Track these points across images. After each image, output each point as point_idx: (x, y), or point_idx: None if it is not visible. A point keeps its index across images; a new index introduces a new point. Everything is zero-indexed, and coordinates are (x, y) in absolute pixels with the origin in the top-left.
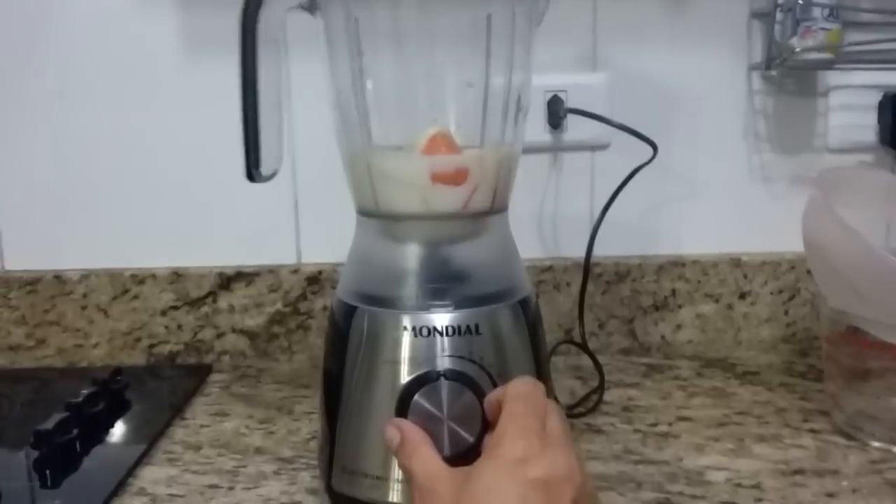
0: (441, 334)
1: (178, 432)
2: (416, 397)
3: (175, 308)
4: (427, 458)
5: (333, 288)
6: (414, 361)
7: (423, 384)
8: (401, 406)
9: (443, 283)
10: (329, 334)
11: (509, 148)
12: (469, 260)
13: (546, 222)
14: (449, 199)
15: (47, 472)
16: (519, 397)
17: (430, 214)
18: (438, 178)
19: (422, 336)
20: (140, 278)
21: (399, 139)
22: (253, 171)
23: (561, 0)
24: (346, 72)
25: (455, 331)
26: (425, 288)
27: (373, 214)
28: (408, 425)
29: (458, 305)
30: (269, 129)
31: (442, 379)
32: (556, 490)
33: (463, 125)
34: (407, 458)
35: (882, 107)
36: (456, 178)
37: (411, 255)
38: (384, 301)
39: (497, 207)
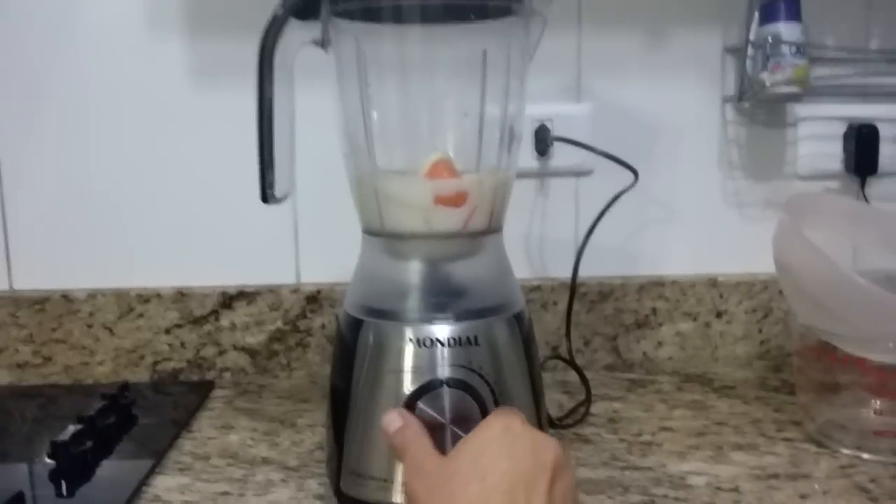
0: (442, 345)
1: (187, 444)
2: (419, 403)
3: (179, 326)
4: (425, 444)
5: (332, 307)
6: (417, 370)
7: (427, 391)
8: None
9: (443, 297)
10: (336, 346)
11: (504, 173)
12: (468, 276)
13: (534, 244)
14: (450, 219)
15: (63, 482)
16: (499, 411)
17: (432, 234)
18: (440, 200)
19: (424, 346)
20: (145, 297)
21: (403, 164)
22: (267, 192)
23: (547, 36)
24: (354, 102)
25: (455, 342)
26: (427, 302)
27: (378, 234)
28: (410, 416)
29: (458, 318)
30: (282, 153)
31: (444, 386)
32: (540, 449)
33: (462, 152)
34: (407, 439)
35: (847, 137)
36: (456, 200)
37: (414, 272)
38: (389, 314)
39: (493, 227)
